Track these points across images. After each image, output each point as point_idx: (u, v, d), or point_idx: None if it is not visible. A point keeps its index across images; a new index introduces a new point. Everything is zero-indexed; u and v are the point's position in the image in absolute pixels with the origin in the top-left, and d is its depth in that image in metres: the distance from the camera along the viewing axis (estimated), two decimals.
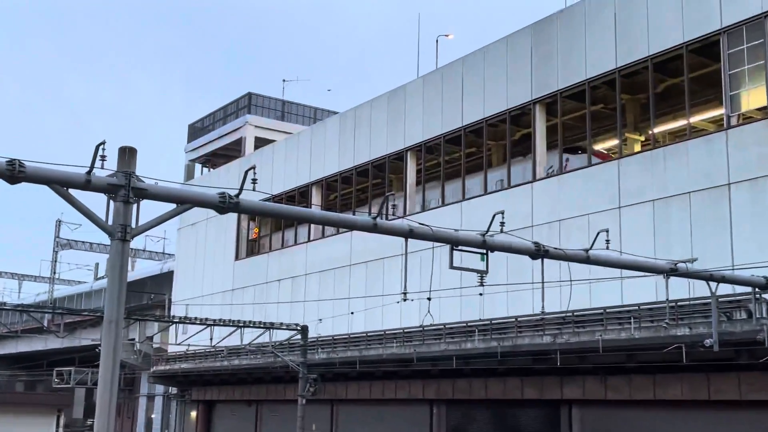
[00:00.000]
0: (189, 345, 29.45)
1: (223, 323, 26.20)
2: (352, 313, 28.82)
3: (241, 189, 10.79)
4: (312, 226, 33.43)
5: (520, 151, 27.76)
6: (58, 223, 63.20)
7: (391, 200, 13.43)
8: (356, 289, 29.73)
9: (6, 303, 26.89)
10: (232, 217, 38.05)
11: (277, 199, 34.46)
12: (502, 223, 12.84)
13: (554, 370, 22.85)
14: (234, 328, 26.74)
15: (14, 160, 9.46)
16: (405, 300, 12.69)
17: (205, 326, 26.28)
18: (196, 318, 26.19)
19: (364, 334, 28.40)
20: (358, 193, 33.44)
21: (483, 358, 23.85)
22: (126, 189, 9.90)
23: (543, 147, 24.52)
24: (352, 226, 12.30)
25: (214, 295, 38.98)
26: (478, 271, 12.82)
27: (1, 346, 67.77)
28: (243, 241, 38.65)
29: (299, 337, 26.93)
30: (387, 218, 13.56)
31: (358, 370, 28.29)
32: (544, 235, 22.87)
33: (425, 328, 25.09)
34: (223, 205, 10.76)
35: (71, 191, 9.84)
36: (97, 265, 77.66)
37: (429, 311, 13.73)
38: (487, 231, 12.74)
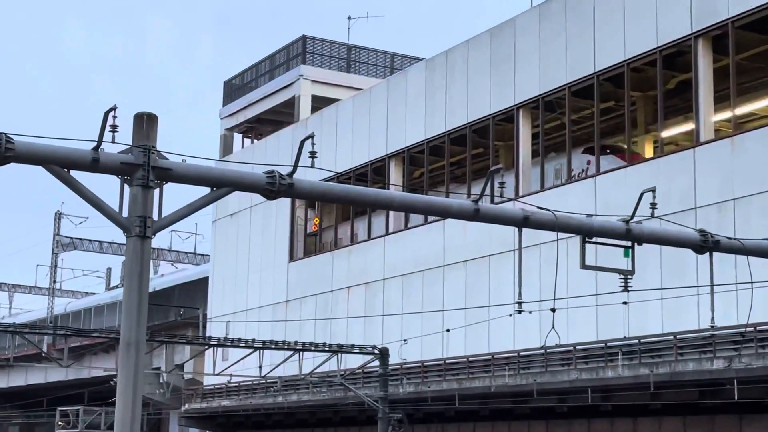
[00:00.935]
0: (231, 375, 30.02)
1: (276, 346, 26.59)
2: (447, 330, 28.87)
3: (295, 166, 10.91)
4: (391, 214, 33.57)
5: (677, 104, 27.19)
6: (58, 216, 65.23)
7: (498, 176, 13.35)
8: (453, 299, 29.74)
9: None
10: (285, 204, 38.55)
11: (343, 178, 34.70)
12: (654, 205, 12.64)
13: (730, 407, 22.43)
14: (290, 353, 27.10)
15: None
16: (520, 312, 12.64)
17: (252, 350, 26.72)
18: (239, 339, 26.65)
19: (465, 360, 28.41)
20: (453, 167, 33.40)
21: (630, 390, 23.59)
22: (145, 169, 10.14)
23: (709, 97, 24.01)
24: (445, 213, 12.30)
25: (262, 309, 39.62)
26: (620, 272, 12.67)
27: None
28: (299, 236, 39.11)
29: (377, 363, 27.13)
30: (493, 201, 13.51)
31: (457, 407, 28.32)
32: (712, 220, 22.42)
33: (548, 351, 24.95)
34: (272, 187, 10.90)
35: (73, 174, 10.12)
36: (109, 270, 79.93)
37: (553, 327, 13.63)
38: (633, 216, 12.56)
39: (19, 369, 65.57)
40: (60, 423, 50.82)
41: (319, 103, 42.61)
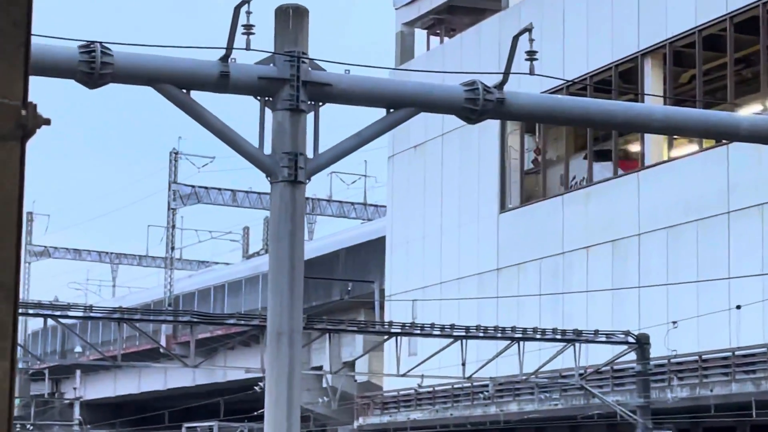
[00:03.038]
0: (422, 377, 30.37)
1: (485, 334, 26.73)
2: (738, 307, 28.43)
3: (506, 74, 10.86)
4: (648, 138, 33.15)
5: None
6: (174, 157, 66.97)
7: None
8: (743, 260, 29.21)
9: (93, 306, 29.04)
10: (491, 129, 38.53)
11: (575, 88, 34.40)
12: None
13: None
14: (506, 343, 27.21)
15: (93, 43, 10.08)
16: None
17: (451, 340, 26.94)
18: (432, 325, 26.91)
19: (766, 349, 27.94)
20: (740, 67, 32.63)
21: None
22: (293, 86, 10.27)
23: None
24: (730, 135, 12.03)
25: (463, 281, 39.84)
26: None
27: (90, 385, 73.43)
28: (513, 175, 39.08)
29: (632, 357, 26.95)
30: None
31: (754, 420, 27.91)
32: None
33: None
34: (474, 105, 10.89)
35: (194, 96, 10.37)
36: (246, 231, 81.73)
37: None
38: None
39: (130, 371, 68.03)
40: None
41: None
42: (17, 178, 3.42)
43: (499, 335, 26.96)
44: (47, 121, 3.49)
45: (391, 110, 10.94)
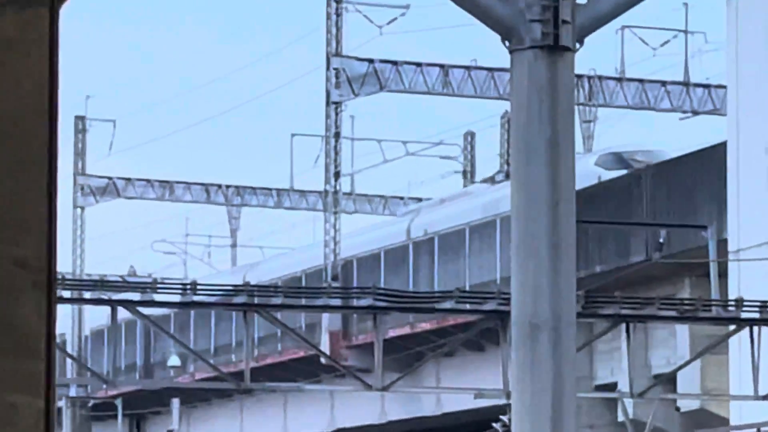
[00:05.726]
0: None
1: None
2: None
3: None
4: None
5: None
6: (336, 8, 67.53)
7: None
8: None
9: (198, 284, 29.57)
10: None
11: None
12: None
13: None
14: None
15: None
16: None
17: None
18: None
19: None
20: None
21: None
22: None
23: None
24: None
25: None
26: None
27: (196, 424, 75.10)
28: None
29: None
30: None
31: None
32: None
33: None
34: None
35: None
36: (469, 140, 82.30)
37: None
38: None
39: (268, 400, 69.19)
40: None
41: None
42: (45, 67, 3.42)
43: None
44: None
45: None
